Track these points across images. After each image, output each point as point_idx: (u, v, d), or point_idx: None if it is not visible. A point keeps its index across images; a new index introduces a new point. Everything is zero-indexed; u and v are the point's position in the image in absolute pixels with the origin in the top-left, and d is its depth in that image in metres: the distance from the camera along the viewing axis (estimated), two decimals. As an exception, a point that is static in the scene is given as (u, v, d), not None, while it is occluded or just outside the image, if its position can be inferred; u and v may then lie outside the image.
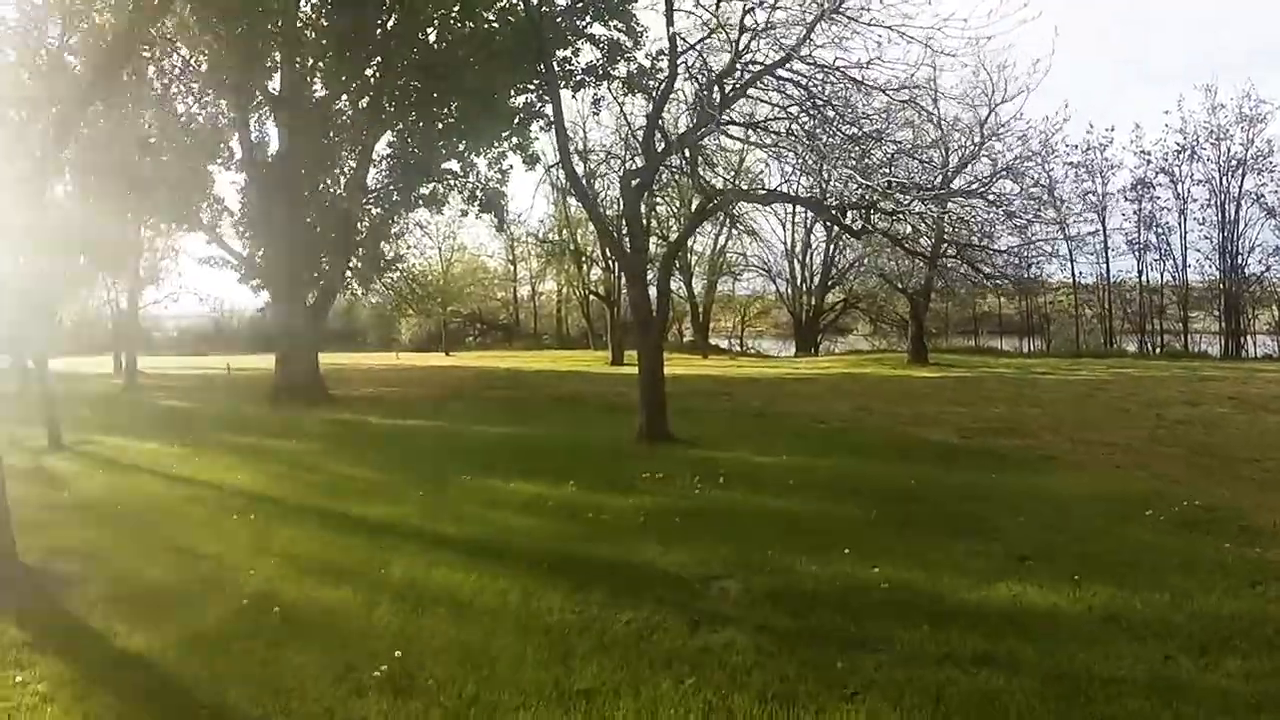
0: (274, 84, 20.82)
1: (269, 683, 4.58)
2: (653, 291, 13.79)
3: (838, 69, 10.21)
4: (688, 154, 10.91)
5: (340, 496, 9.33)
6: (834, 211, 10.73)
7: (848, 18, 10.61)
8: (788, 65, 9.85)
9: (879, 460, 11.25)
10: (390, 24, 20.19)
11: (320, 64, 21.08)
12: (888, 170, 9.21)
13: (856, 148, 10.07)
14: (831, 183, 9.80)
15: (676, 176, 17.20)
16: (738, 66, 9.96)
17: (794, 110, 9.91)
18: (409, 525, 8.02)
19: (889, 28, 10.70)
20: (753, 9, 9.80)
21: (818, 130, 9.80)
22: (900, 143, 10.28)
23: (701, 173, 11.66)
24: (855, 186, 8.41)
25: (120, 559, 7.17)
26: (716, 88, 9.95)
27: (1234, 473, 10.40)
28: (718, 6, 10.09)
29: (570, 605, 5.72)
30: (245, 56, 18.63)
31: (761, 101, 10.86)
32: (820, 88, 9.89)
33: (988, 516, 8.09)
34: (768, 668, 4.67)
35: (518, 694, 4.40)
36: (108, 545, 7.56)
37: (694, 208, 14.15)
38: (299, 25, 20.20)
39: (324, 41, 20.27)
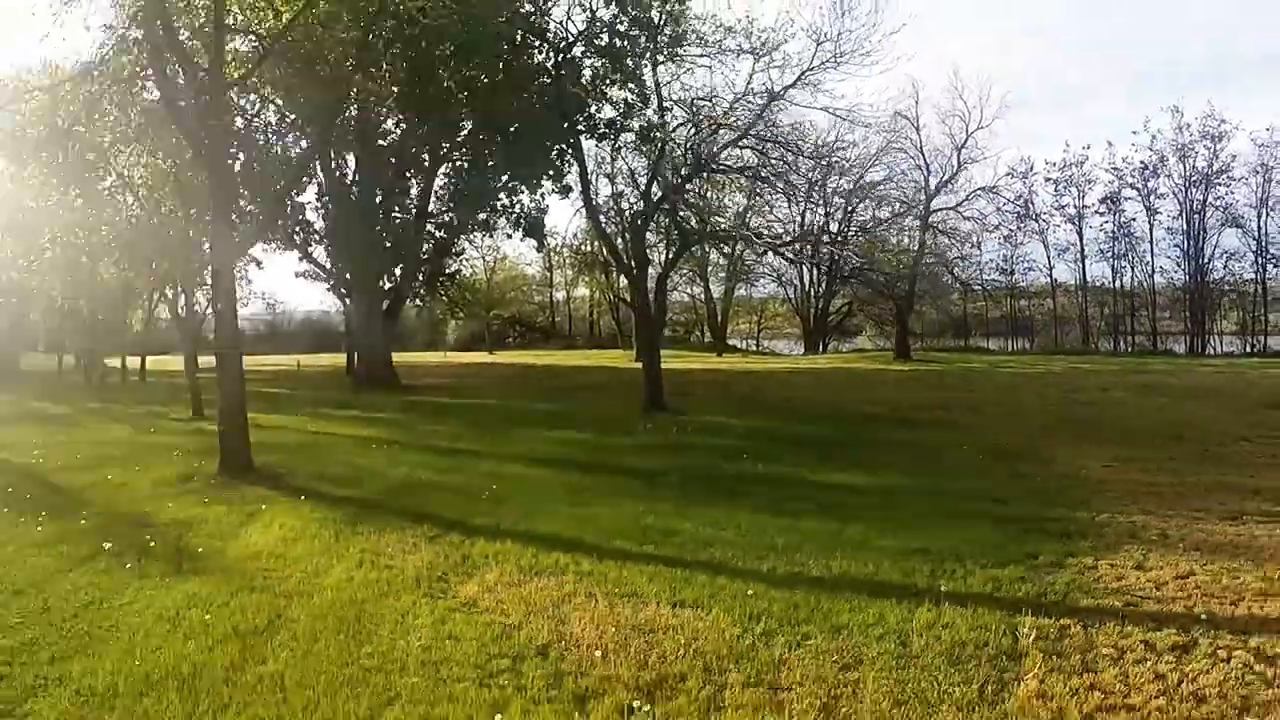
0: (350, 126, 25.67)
1: (425, 504, 9.06)
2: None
3: (778, 142, 14.65)
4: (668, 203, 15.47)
5: (434, 441, 13.87)
6: (763, 246, 15.12)
7: (791, 103, 15.14)
8: (741, 143, 14.37)
9: (816, 424, 15.51)
10: (446, 80, 24.83)
11: (389, 109, 25.85)
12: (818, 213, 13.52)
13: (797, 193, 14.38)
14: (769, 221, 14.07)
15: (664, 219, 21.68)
16: (695, 154, 14.52)
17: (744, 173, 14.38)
18: (486, 451, 12.54)
19: (822, 109, 15.21)
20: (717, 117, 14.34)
21: (760, 186, 14.23)
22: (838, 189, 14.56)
23: (681, 217, 16.17)
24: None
25: (310, 465, 11.72)
26: (684, 166, 14.57)
27: (1054, 431, 14.29)
28: (693, 107, 14.70)
29: (584, 480, 10.19)
30: (328, 100, 23.30)
31: (726, 162, 15.44)
32: (766, 156, 14.43)
33: (858, 451, 12.35)
34: (681, 499, 9.09)
35: (551, 503, 8.86)
36: (298, 459, 12.14)
37: (677, 245, 18.55)
38: (372, 79, 24.94)
39: (394, 89, 25.01)
